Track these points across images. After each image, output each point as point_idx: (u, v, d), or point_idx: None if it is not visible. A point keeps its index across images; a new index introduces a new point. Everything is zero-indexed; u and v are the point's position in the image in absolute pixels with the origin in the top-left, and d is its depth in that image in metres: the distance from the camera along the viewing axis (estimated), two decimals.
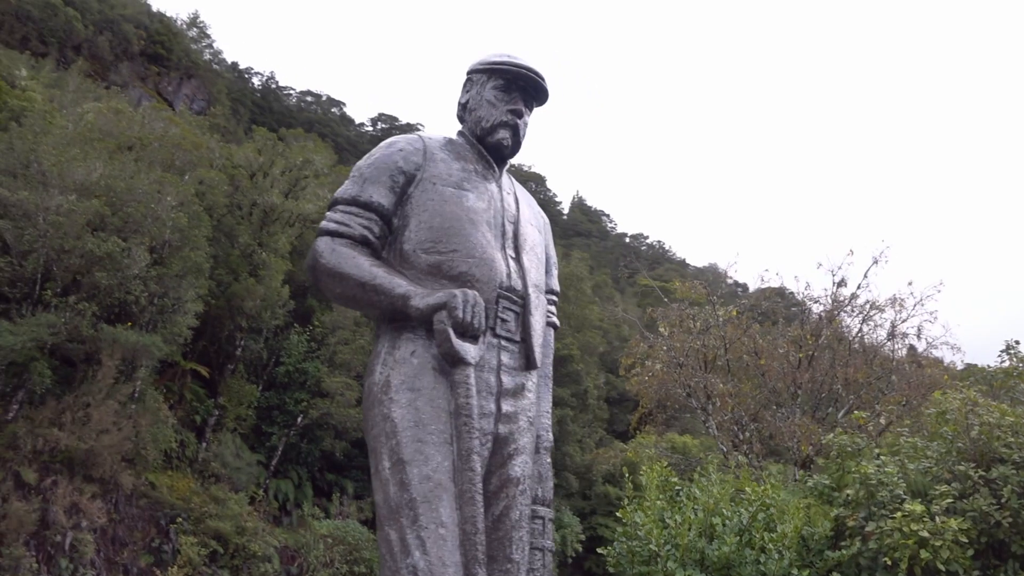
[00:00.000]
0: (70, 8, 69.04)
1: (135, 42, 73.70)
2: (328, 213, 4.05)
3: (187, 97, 75.50)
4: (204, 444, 30.80)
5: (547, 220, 4.69)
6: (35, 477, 24.22)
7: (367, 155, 4.23)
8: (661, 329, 17.93)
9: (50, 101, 30.07)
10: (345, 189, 4.04)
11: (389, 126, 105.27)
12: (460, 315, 3.60)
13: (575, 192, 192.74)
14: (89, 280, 24.67)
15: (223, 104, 77.93)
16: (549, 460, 4.34)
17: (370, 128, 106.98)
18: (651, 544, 10.03)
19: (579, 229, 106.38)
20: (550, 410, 4.39)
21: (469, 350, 3.67)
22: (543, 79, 4.30)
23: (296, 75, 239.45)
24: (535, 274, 4.07)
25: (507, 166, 4.41)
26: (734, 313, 17.48)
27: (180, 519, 26.77)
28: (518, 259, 4.01)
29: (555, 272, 4.63)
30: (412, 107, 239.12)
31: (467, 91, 4.37)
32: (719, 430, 16.01)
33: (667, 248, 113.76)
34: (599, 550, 11.55)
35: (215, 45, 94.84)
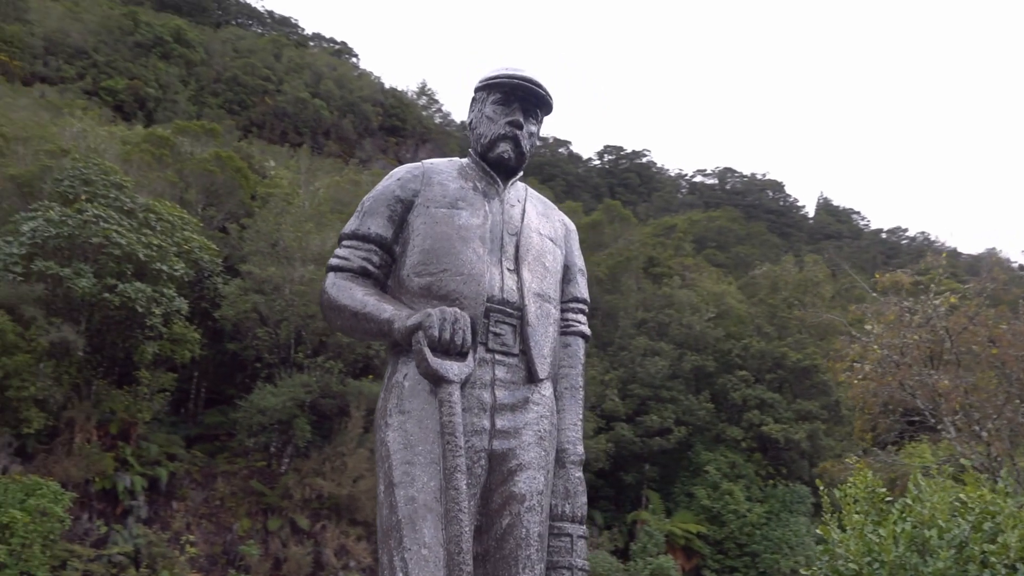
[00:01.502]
0: (317, 99, 76.90)
1: (374, 119, 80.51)
2: (336, 250, 4.28)
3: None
4: None
5: (572, 228, 4.54)
6: (307, 523, 26.76)
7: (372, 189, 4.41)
8: (868, 327, 16.44)
9: (298, 185, 33.64)
10: (348, 224, 4.22)
11: (615, 156, 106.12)
12: (435, 334, 3.60)
13: (819, 193, 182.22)
14: (333, 340, 27.08)
15: None
16: (579, 474, 4.10)
17: (597, 162, 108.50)
18: (851, 562, 9.24)
19: (827, 231, 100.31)
20: (578, 422, 4.12)
21: (451, 368, 3.63)
22: (541, 87, 4.26)
23: None
24: (538, 284, 3.99)
25: (517, 177, 4.35)
26: (951, 300, 15.60)
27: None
28: (516, 271, 3.96)
29: (581, 279, 4.45)
30: (636, 135, 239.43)
31: (471, 111, 4.44)
32: (955, 431, 14.27)
33: (932, 239, 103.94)
34: (802, 571, 10.79)
35: (443, 108, 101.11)
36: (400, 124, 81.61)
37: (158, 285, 24.47)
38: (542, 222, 4.28)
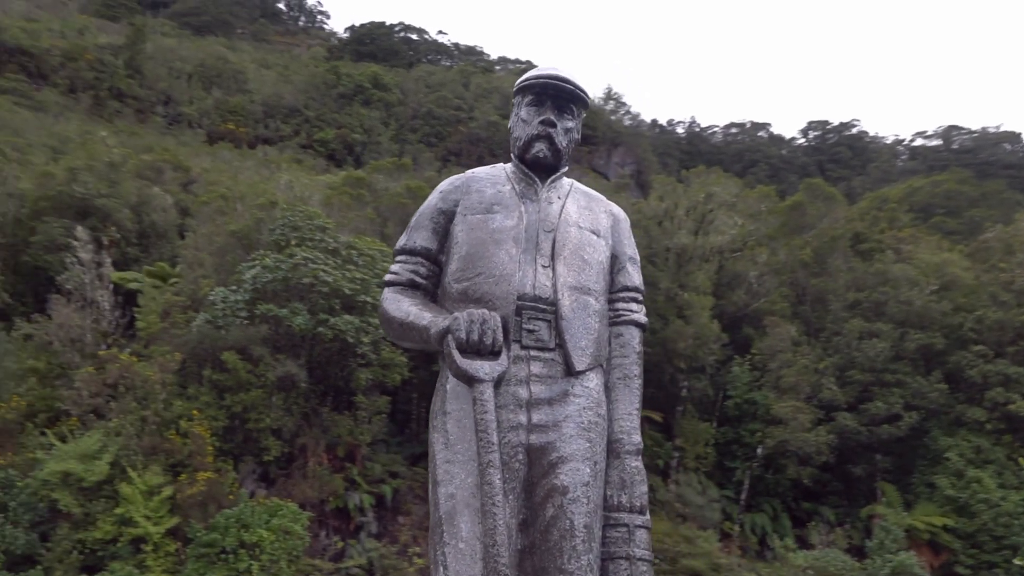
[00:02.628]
0: (507, 120, 79.16)
1: None
2: (390, 266, 4.54)
3: (617, 165, 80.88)
4: (672, 485, 31.93)
5: (621, 217, 4.49)
6: None
7: None
8: None
9: None
10: (399, 241, 4.47)
11: (821, 132, 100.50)
12: (462, 336, 3.73)
13: None
14: None
15: (650, 161, 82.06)
16: (636, 464, 4.04)
17: (802, 140, 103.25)
18: None
19: None
20: (634, 412, 4.10)
21: (482, 367, 3.74)
22: (571, 83, 4.33)
23: (718, 111, 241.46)
24: (575, 277, 4.02)
25: (559, 173, 4.40)
26: None
27: (657, 560, 27.96)
28: (551, 266, 4.01)
29: (632, 268, 4.37)
30: (842, 106, 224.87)
31: (511, 117, 4.57)
32: None
33: None
34: None
35: (631, 110, 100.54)
36: (590, 132, 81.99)
37: (364, 315, 26.22)
38: (583, 215, 4.29)
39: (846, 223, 37.76)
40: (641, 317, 4.29)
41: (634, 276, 4.35)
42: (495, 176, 4.38)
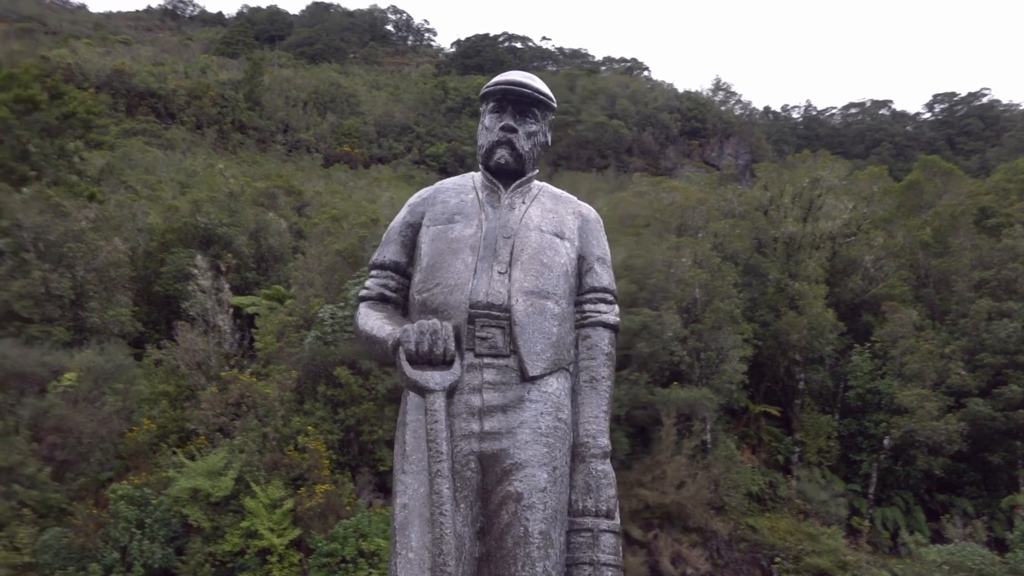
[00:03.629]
0: (615, 120, 78.61)
1: (673, 126, 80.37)
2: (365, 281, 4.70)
3: (730, 156, 79.00)
4: (794, 481, 30.90)
5: (591, 217, 4.45)
6: (640, 532, 27.19)
7: None
8: None
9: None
10: (372, 256, 4.64)
11: (948, 104, 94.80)
12: (411, 347, 3.84)
13: None
14: (636, 352, 27.45)
15: (765, 149, 79.67)
16: (603, 467, 3.98)
17: (928, 115, 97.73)
18: None
19: None
20: (601, 414, 4.06)
21: (432, 377, 3.82)
22: (528, 87, 4.37)
23: (835, 92, 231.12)
24: (532, 282, 4.00)
25: (525, 179, 4.41)
26: None
27: (779, 559, 27.15)
28: (508, 272, 4.01)
29: (600, 268, 4.30)
30: (971, 76, 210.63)
31: (479, 125, 4.65)
32: None
33: None
34: None
35: (742, 99, 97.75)
36: (700, 125, 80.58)
37: None
38: (546, 218, 4.29)
39: (969, 199, 35.51)
40: (610, 318, 4.22)
41: (603, 276, 4.29)
42: (462, 186, 4.44)
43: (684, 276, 28.36)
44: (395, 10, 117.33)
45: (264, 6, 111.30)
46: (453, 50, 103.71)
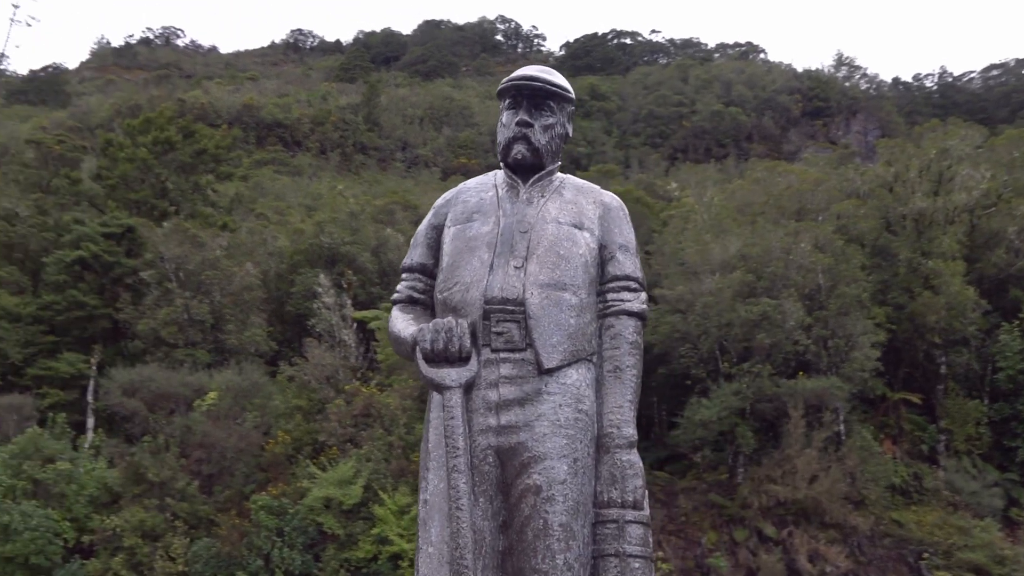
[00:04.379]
0: (731, 107, 76.63)
1: (794, 108, 77.56)
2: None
3: (858, 133, 75.53)
4: (941, 472, 29.16)
5: (613, 206, 4.33)
6: (774, 530, 26.34)
7: None
8: None
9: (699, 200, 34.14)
10: (403, 259, 4.74)
11: None
12: (427, 346, 3.93)
13: None
14: (758, 344, 26.64)
15: (896, 123, 75.69)
16: (627, 458, 3.90)
17: None
18: None
19: None
20: (626, 404, 3.97)
21: (448, 374, 3.91)
22: (540, 80, 4.33)
23: (972, 55, 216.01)
24: (548, 274, 3.98)
25: (545, 172, 4.39)
26: None
27: (927, 554, 25.65)
28: (523, 266, 4.01)
29: (623, 256, 4.20)
30: None
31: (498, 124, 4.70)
32: None
33: None
34: None
35: (867, 72, 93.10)
36: (823, 104, 77.44)
37: None
38: (565, 210, 4.25)
39: None
40: (634, 306, 4.12)
41: (625, 264, 4.19)
42: (483, 184, 4.47)
43: (804, 262, 27.30)
44: (503, 19, 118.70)
45: (378, 29, 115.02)
46: (563, 53, 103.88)
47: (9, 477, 24.00)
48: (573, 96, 4.51)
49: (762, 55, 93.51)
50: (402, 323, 4.25)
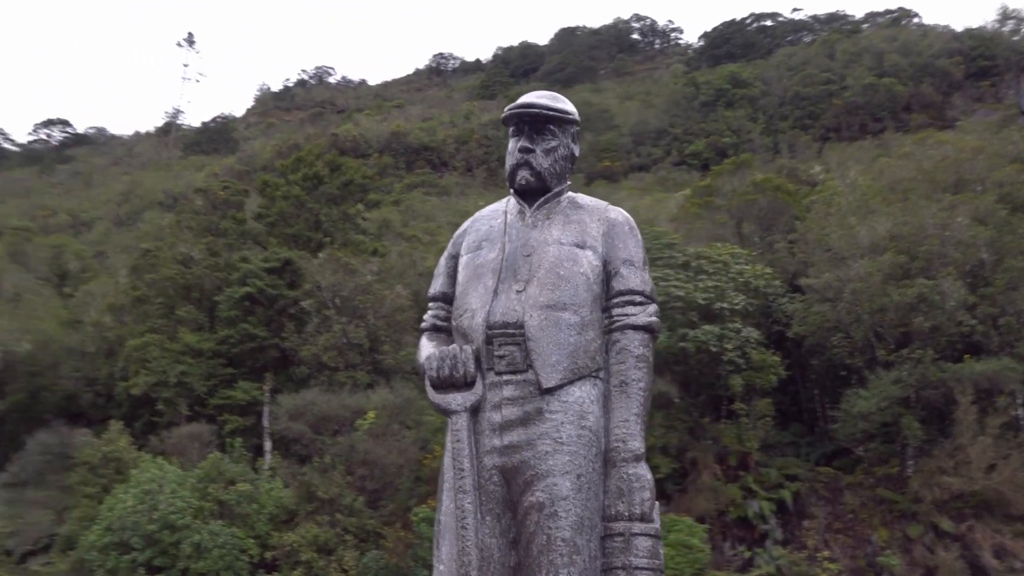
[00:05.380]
0: (885, 79, 72.36)
1: (955, 71, 72.30)
2: None
3: None
4: None
5: (618, 221, 4.46)
6: (951, 525, 24.70)
7: None
8: None
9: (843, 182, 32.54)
10: (429, 289, 5.04)
11: None
12: (433, 374, 4.23)
13: None
14: (917, 329, 25.14)
15: None
16: (634, 471, 4.02)
17: None
18: None
19: None
20: (632, 417, 4.08)
21: (454, 399, 4.20)
22: (537, 105, 4.53)
23: None
24: (548, 295, 4.14)
25: (552, 194, 4.52)
26: None
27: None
28: (524, 289, 4.18)
29: (627, 271, 4.31)
30: None
31: None
32: None
33: None
34: None
35: None
36: (988, 63, 71.70)
37: (723, 323, 26.10)
38: (567, 230, 4.42)
39: None
40: (639, 319, 4.20)
41: (629, 279, 4.28)
42: (494, 212, 4.70)
43: (963, 237, 25.49)
44: (638, 17, 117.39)
45: (515, 43, 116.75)
46: (701, 44, 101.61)
47: (197, 499, 26.16)
48: (575, 117, 4.66)
49: (916, 20, 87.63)
50: (423, 350, 4.54)
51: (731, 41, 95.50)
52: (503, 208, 4.67)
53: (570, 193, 4.68)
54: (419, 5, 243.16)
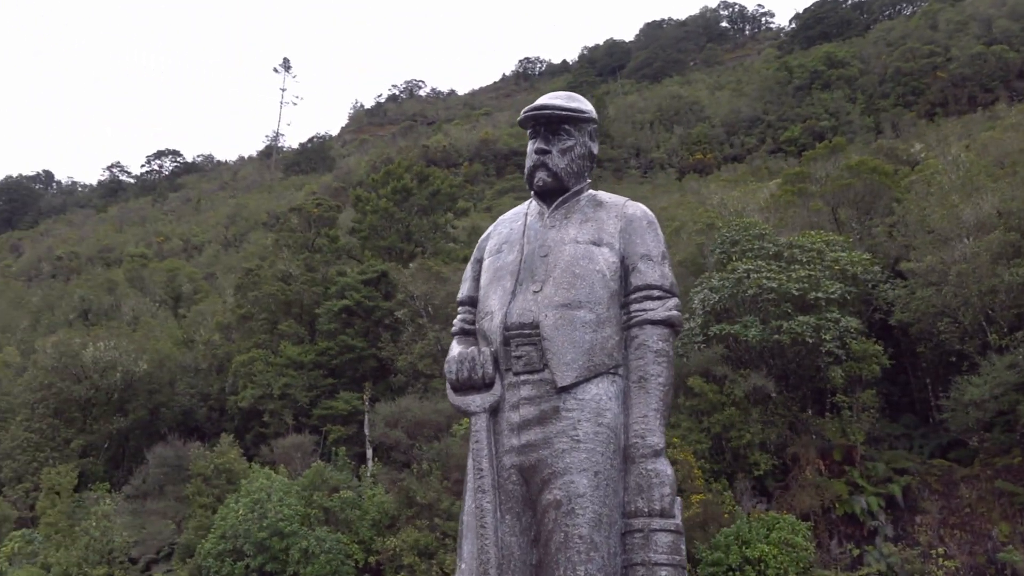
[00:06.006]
0: (994, 46, 68.57)
1: None
2: None
3: None
4: None
5: (636, 216, 4.41)
6: None
7: None
8: None
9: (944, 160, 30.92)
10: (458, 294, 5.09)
11: None
12: (452, 377, 4.31)
13: None
14: None
15: None
16: (653, 467, 3.97)
17: None
18: None
19: None
20: (650, 413, 4.04)
21: (473, 400, 4.27)
22: (551, 106, 4.55)
23: None
24: (563, 294, 4.14)
25: (570, 193, 4.50)
26: None
27: None
28: (541, 290, 4.19)
29: (646, 266, 4.27)
30: None
31: None
32: None
33: None
34: None
35: None
36: None
37: (819, 313, 25.21)
38: (584, 229, 4.42)
39: None
40: (657, 314, 4.16)
41: (647, 274, 4.24)
42: (516, 214, 4.74)
43: None
44: (725, 4, 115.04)
45: (601, 42, 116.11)
46: (793, 26, 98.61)
47: (303, 507, 27.03)
48: (591, 115, 4.62)
49: None
50: (449, 355, 4.59)
51: (825, 20, 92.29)
52: (524, 210, 4.70)
53: (591, 191, 4.65)
54: (504, 13, 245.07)
